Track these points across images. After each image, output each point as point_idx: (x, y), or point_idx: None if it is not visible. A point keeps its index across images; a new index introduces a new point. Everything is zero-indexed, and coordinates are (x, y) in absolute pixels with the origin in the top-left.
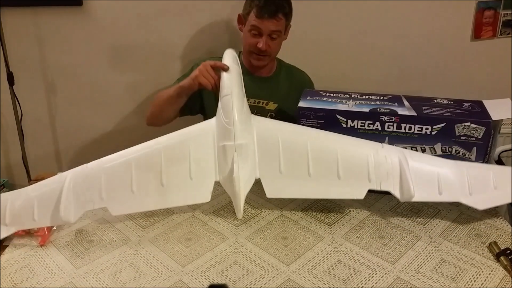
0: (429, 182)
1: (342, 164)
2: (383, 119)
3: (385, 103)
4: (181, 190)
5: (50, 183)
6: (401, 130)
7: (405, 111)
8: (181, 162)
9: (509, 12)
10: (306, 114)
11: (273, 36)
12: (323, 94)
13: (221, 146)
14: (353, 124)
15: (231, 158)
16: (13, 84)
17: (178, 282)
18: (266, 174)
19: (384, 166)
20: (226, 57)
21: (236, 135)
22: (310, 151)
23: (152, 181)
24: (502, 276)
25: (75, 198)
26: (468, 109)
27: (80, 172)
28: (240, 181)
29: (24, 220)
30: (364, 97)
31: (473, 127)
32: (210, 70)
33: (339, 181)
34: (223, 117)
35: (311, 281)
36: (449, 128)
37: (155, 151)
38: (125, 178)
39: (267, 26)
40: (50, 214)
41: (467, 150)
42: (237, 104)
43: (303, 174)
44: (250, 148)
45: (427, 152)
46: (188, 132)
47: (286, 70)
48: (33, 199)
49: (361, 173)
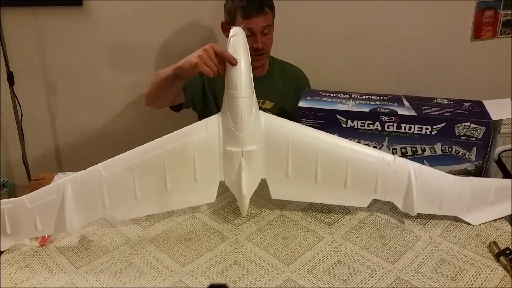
0: (432, 199)
1: (350, 174)
2: (383, 119)
3: (385, 103)
4: (186, 193)
5: (48, 193)
6: (401, 130)
7: (405, 111)
8: (185, 165)
9: (509, 12)
10: (306, 114)
11: (265, 32)
12: (323, 94)
13: (227, 150)
14: (353, 124)
15: (237, 163)
16: (13, 84)
17: (178, 282)
18: (272, 176)
19: (392, 180)
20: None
21: (244, 142)
22: (320, 157)
23: (156, 186)
24: (502, 276)
25: (78, 207)
26: (468, 109)
27: (80, 181)
28: (246, 184)
29: (27, 230)
30: (364, 97)
31: (473, 127)
32: (213, 57)
33: (345, 189)
34: (230, 120)
35: (311, 281)
36: (449, 128)
37: (157, 155)
38: (127, 184)
39: (258, 24)
40: (53, 224)
41: (467, 150)
42: (246, 107)
43: (310, 180)
44: (258, 152)
45: (426, 152)
46: (190, 132)
47: (279, 66)
48: (33, 210)
49: (368, 184)
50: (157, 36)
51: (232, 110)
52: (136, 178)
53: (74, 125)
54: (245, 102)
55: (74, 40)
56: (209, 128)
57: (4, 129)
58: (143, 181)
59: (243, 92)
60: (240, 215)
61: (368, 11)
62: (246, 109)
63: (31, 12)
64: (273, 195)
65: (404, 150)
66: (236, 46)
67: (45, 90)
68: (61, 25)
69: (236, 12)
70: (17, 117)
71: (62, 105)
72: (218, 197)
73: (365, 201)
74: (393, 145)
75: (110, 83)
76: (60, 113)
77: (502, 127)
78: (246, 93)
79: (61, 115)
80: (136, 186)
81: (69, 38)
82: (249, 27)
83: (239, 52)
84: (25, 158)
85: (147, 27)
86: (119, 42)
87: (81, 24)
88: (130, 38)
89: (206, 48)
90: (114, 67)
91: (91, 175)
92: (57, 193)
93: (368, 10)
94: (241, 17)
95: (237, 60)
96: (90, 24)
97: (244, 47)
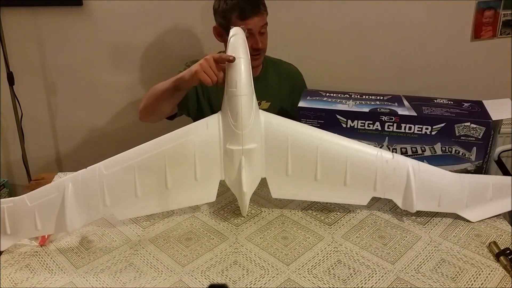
0: (431, 196)
1: (350, 172)
2: (383, 119)
3: (385, 103)
4: (186, 192)
5: (48, 192)
6: (401, 130)
7: (405, 111)
8: (186, 164)
9: (509, 12)
10: (306, 114)
11: (262, 31)
12: (323, 94)
13: (228, 149)
14: (353, 124)
15: (238, 161)
16: (13, 84)
17: (178, 282)
18: (272, 175)
19: (391, 177)
20: (235, 43)
21: (244, 140)
22: (320, 155)
23: (157, 185)
24: (502, 276)
25: (79, 206)
26: (468, 109)
27: (81, 180)
28: (247, 183)
29: (27, 230)
30: (364, 97)
31: (473, 127)
32: (213, 66)
33: (344, 187)
34: (230, 118)
35: (311, 281)
36: (449, 128)
37: (158, 154)
38: (128, 183)
39: (256, 24)
40: (54, 223)
41: (467, 150)
42: (246, 105)
43: (310, 178)
44: (258, 150)
45: (426, 152)
46: (191, 131)
47: (273, 65)
48: (33, 209)
49: (368, 182)
50: (157, 36)
51: (232, 108)
52: (137, 177)
53: (74, 125)
54: (245, 100)
55: (74, 40)
56: (209, 126)
57: (4, 129)
58: (143, 180)
59: (243, 90)
60: (240, 215)
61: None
62: (246, 107)
63: (31, 12)
64: (273, 194)
65: (404, 150)
66: (236, 46)
67: (45, 90)
68: (61, 25)
69: (232, 14)
70: (17, 117)
71: (62, 105)
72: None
73: (365, 199)
74: (393, 145)
75: (110, 83)
76: (60, 113)
77: (502, 127)
78: (246, 91)
79: (61, 115)
80: (137, 184)
81: (69, 38)
82: (248, 28)
83: (239, 51)
84: (25, 158)
85: (147, 27)
86: (119, 42)
87: (81, 24)
88: (130, 38)
89: (207, 58)
90: (114, 67)
91: (92, 174)
92: (58, 191)
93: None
94: (239, 19)
95: (237, 59)
96: (90, 24)
97: (244, 46)
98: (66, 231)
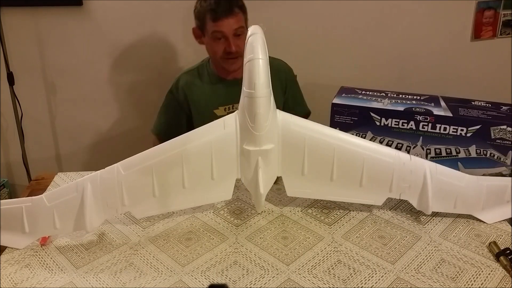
0: (447, 197)
1: (366, 173)
2: (418, 119)
3: (421, 103)
4: (203, 191)
5: (67, 192)
6: (436, 130)
7: (441, 111)
8: (203, 163)
9: (509, 12)
10: (339, 111)
11: (238, 34)
12: (358, 92)
13: (244, 149)
14: (387, 123)
15: (254, 161)
16: (13, 84)
17: (178, 282)
18: (288, 174)
19: (407, 179)
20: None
21: (261, 141)
22: (336, 157)
23: (174, 185)
24: (502, 276)
25: (97, 206)
26: (505, 112)
27: (100, 180)
28: (263, 183)
29: (45, 228)
30: (400, 96)
31: (509, 131)
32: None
33: (360, 188)
34: (248, 119)
35: (311, 281)
36: (485, 131)
37: (176, 154)
38: (146, 183)
39: (228, 26)
40: (72, 222)
41: (502, 154)
42: (264, 107)
43: (326, 179)
44: (274, 150)
45: (461, 154)
46: (208, 131)
47: None
48: (51, 208)
49: (384, 184)
50: (157, 36)
51: (250, 109)
52: (155, 177)
53: (74, 125)
54: (263, 102)
55: (74, 40)
56: (226, 126)
57: (4, 129)
58: (161, 180)
59: (262, 92)
60: (240, 215)
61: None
62: (264, 109)
63: (31, 12)
64: (288, 193)
65: (438, 151)
66: (254, 46)
67: (45, 90)
68: (61, 25)
69: (206, 15)
70: (17, 117)
71: (62, 105)
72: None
73: (380, 200)
74: (427, 145)
75: (110, 83)
76: (60, 113)
77: None
78: (264, 93)
79: (61, 115)
80: (155, 184)
81: (69, 38)
82: (220, 30)
83: (258, 51)
84: (25, 158)
85: (147, 27)
86: (119, 42)
87: (81, 24)
88: (130, 38)
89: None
90: (114, 67)
91: (111, 174)
92: (77, 192)
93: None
94: (211, 21)
95: (256, 60)
96: (90, 24)
97: (263, 46)
98: (85, 230)
